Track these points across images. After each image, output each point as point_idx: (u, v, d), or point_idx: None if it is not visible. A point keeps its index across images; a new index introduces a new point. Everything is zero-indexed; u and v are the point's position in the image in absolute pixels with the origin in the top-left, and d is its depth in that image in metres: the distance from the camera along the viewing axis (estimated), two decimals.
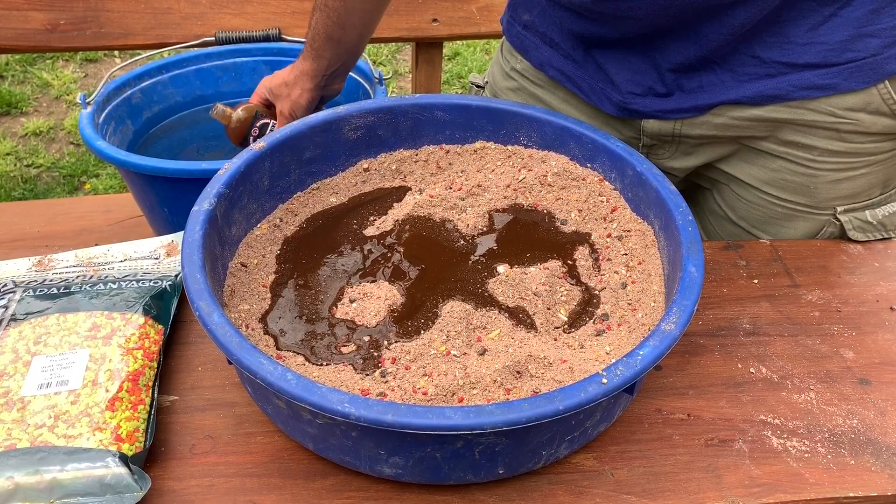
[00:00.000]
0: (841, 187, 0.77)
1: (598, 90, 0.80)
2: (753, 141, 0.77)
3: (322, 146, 0.70)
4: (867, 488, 0.54)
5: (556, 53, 0.83)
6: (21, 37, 1.18)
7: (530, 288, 0.61)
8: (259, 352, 0.48)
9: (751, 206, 0.82)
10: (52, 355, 0.57)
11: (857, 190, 0.77)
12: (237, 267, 0.62)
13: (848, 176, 0.76)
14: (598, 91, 0.80)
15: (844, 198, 0.78)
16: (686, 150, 0.81)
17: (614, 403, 0.53)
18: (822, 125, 0.73)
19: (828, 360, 0.64)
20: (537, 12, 0.83)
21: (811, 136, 0.74)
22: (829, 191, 0.77)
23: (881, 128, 0.73)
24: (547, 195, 0.71)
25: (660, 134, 0.80)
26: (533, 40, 0.85)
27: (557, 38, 0.81)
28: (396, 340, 0.57)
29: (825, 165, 0.76)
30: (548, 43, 0.83)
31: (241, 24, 1.23)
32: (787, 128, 0.75)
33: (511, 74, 0.91)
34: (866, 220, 0.79)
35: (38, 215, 1.09)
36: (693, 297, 0.52)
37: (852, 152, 0.75)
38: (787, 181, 0.78)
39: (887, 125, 0.73)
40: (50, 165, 2.17)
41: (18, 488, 0.49)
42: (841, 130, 0.73)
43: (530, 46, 0.86)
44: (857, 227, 0.79)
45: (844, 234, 0.79)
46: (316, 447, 0.53)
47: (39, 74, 2.50)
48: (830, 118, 0.72)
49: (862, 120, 0.72)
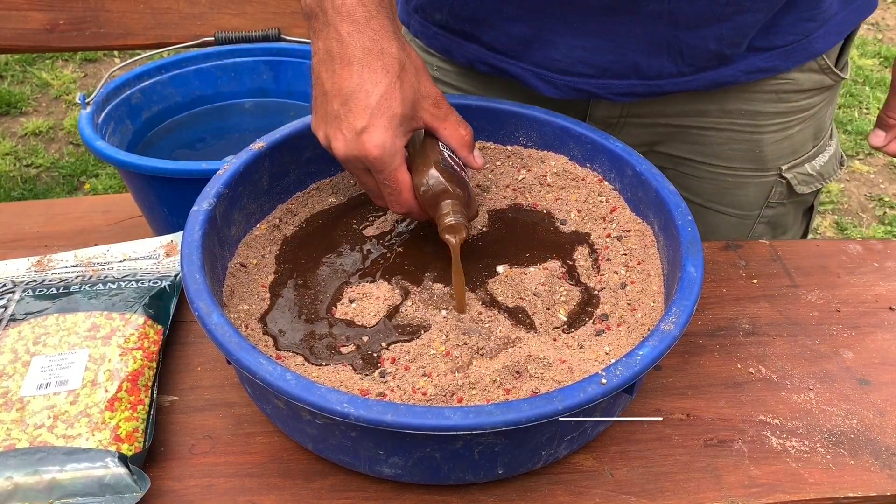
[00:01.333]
0: (783, 146, 0.80)
1: (538, 75, 0.76)
2: (696, 118, 0.79)
3: (321, 146, 0.70)
4: (866, 488, 0.54)
5: (482, 48, 0.78)
6: (20, 37, 1.18)
7: (529, 288, 0.61)
8: (258, 352, 0.48)
9: (702, 182, 0.84)
10: (51, 355, 0.57)
11: (795, 146, 0.81)
12: (236, 267, 0.62)
13: (787, 135, 0.80)
14: (539, 76, 0.76)
15: (786, 156, 0.81)
16: (629, 130, 0.82)
17: (614, 404, 0.53)
18: (763, 89, 0.76)
19: (827, 361, 0.64)
20: (447, 10, 0.77)
21: (754, 103, 0.77)
22: (774, 151, 0.80)
23: (812, 83, 0.77)
24: (546, 195, 0.71)
25: (608, 118, 0.80)
26: (454, 39, 0.79)
27: (479, 33, 0.76)
28: (396, 341, 0.57)
29: (768, 128, 0.78)
30: (470, 39, 0.78)
31: (241, 25, 1.23)
32: (731, 98, 0.77)
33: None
34: (807, 172, 0.83)
35: (38, 215, 1.08)
36: (692, 298, 0.52)
37: (790, 111, 0.78)
38: (734, 150, 0.80)
39: (817, 80, 0.77)
40: (49, 165, 2.17)
41: (18, 488, 0.49)
42: (780, 91, 0.76)
43: (453, 46, 0.80)
44: (802, 181, 0.83)
45: (792, 190, 0.83)
46: (315, 447, 0.53)
47: (39, 74, 2.50)
48: (772, 81, 0.75)
49: (796, 78, 0.76)
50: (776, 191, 0.83)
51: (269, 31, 1.15)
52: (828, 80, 0.78)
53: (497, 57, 0.78)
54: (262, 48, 1.18)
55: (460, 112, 0.72)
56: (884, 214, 2.16)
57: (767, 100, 0.77)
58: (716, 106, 0.77)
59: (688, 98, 0.77)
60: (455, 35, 0.79)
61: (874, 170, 2.33)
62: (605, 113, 0.80)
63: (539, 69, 0.76)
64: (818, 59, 0.75)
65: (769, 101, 0.77)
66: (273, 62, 1.19)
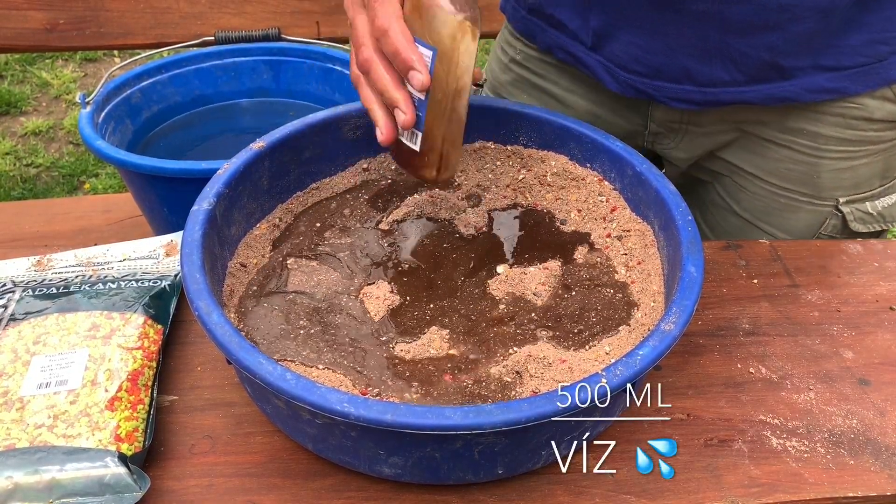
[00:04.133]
0: (843, 177, 0.77)
1: (606, 68, 0.78)
2: (758, 128, 0.77)
3: (321, 146, 0.70)
4: (866, 488, 0.54)
5: (563, 35, 0.81)
6: (20, 36, 1.18)
7: (529, 288, 0.61)
8: (258, 352, 0.48)
9: (753, 197, 0.82)
10: (51, 355, 0.57)
11: (858, 180, 0.78)
12: (237, 267, 0.62)
13: (850, 165, 0.77)
14: (607, 69, 0.78)
15: (846, 188, 0.78)
16: (692, 139, 0.81)
17: (614, 403, 0.52)
18: (830, 111, 0.73)
19: (827, 360, 0.64)
20: None
21: (817, 123, 0.74)
22: (832, 180, 0.77)
23: (885, 114, 0.74)
24: (546, 195, 0.71)
25: (668, 121, 0.80)
26: (539, 23, 0.83)
27: (565, 20, 0.79)
28: (396, 340, 0.57)
29: (829, 154, 0.76)
30: (554, 25, 0.81)
31: (241, 24, 1.23)
32: (794, 115, 0.75)
33: (511, 66, 0.90)
34: (867, 211, 0.79)
35: (38, 215, 1.09)
36: (693, 297, 0.52)
37: (856, 140, 0.75)
38: (791, 170, 0.78)
39: (890, 111, 0.74)
40: (49, 165, 2.17)
41: (17, 488, 0.49)
42: (847, 116, 0.73)
43: (536, 30, 0.84)
44: (859, 218, 0.79)
45: (846, 226, 0.79)
46: (315, 447, 0.53)
47: (39, 74, 2.50)
48: (840, 103, 0.73)
49: (867, 104, 0.73)
50: (830, 223, 0.80)
51: (269, 31, 1.15)
52: None
53: (575, 45, 0.80)
54: (263, 48, 1.18)
55: None
56: None
57: (833, 123, 0.74)
58: (777, 120, 0.76)
59: (749, 109, 0.75)
60: (542, 19, 0.82)
61: None
62: (666, 116, 0.79)
63: (607, 62, 0.77)
64: (893, 88, 0.72)
65: (834, 124, 0.74)
66: (273, 62, 1.19)
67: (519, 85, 0.90)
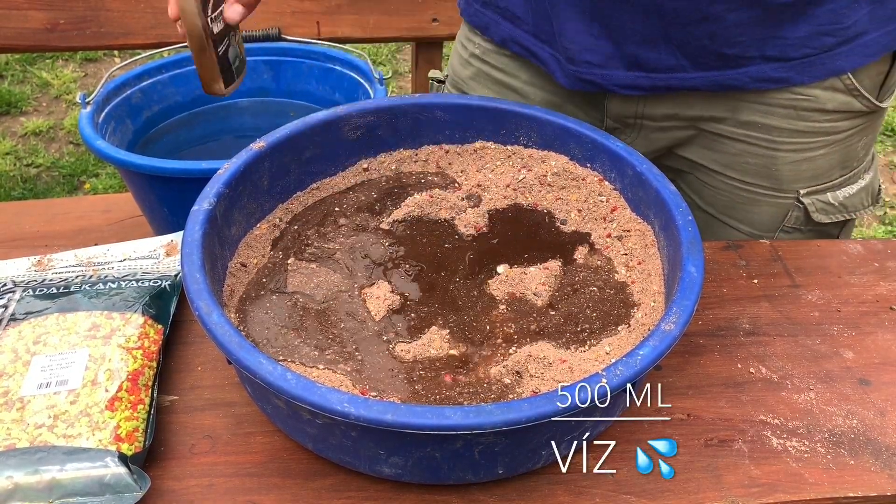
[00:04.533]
0: (802, 168, 0.78)
1: (556, 60, 0.78)
2: (712, 124, 0.77)
3: (322, 146, 0.70)
4: (867, 488, 0.54)
5: (517, 28, 0.80)
6: (21, 36, 1.18)
7: (530, 288, 0.61)
8: (258, 351, 0.48)
9: (716, 192, 0.82)
10: (51, 355, 0.57)
11: (817, 171, 0.78)
12: (237, 267, 0.62)
13: (807, 157, 0.77)
14: (556, 61, 0.78)
15: (806, 180, 0.79)
16: (647, 134, 0.81)
17: (614, 403, 0.52)
18: (780, 103, 0.74)
19: (827, 361, 0.64)
20: None
21: (770, 116, 0.75)
22: (791, 172, 0.78)
23: (837, 105, 0.74)
24: (547, 195, 0.71)
25: (623, 116, 0.80)
26: (493, 17, 0.83)
27: (518, 12, 0.79)
28: (397, 340, 0.57)
29: (785, 146, 0.76)
30: (508, 18, 0.81)
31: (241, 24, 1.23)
32: (745, 108, 0.75)
33: (471, 61, 0.89)
34: (828, 201, 0.80)
35: (38, 215, 1.09)
36: (693, 297, 0.52)
37: (810, 131, 0.75)
38: (749, 164, 0.79)
39: (843, 102, 0.74)
40: (49, 165, 2.17)
41: (18, 488, 0.49)
42: (798, 108, 0.74)
43: (490, 23, 0.83)
44: (821, 209, 0.80)
45: (809, 218, 0.80)
46: (315, 447, 0.53)
47: (39, 74, 2.50)
48: (788, 95, 0.73)
49: (818, 96, 0.73)
50: (792, 215, 0.80)
51: (269, 31, 1.15)
52: (857, 104, 0.74)
53: (528, 38, 0.79)
54: (263, 48, 1.18)
55: (460, 111, 0.73)
56: (884, 214, 2.16)
57: (784, 115, 0.74)
58: (729, 115, 0.76)
59: (699, 100, 0.76)
60: (495, 12, 0.82)
61: None
62: (620, 110, 0.79)
63: (557, 54, 0.77)
64: (843, 79, 0.72)
65: (786, 116, 0.74)
66: (273, 62, 1.19)
67: (479, 79, 0.89)
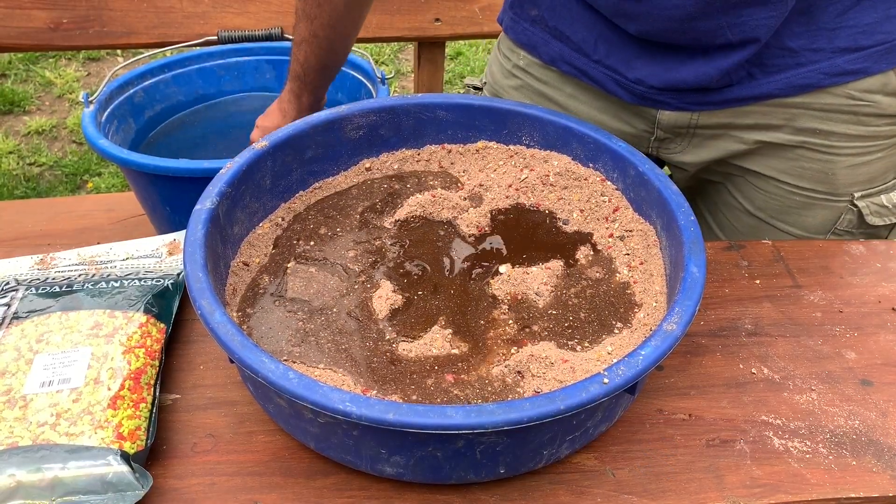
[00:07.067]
0: (858, 172, 0.77)
1: (616, 81, 0.78)
2: (770, 134, 0.77)
3: (324, 145, 0.70)
4: (869, 489, 0.54)
5: (567, 48, 0.81)
6: (24, 35, 1.18)
7: (532, 288, 0.61)
8: (261, 350, 0.48)
9: (769, 196, 0.82)
10: (54, 353, 0.57)
11: (873, 174, 0.78)
12: (239, 266, 0.62)
13: (865, 161, 0.77)
14: (617, 82, 0.78)
15: (862, 183, 0.78)
16: (699, 142, 0.81)
17: (616, 403, 0.53)
18: (840, 109, 0.73)
19: (829, 361, 0.64)
20: (546, 6, 0.81)
21: (829, 122, 0.74)
22: (847, 176, 0.78)
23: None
24: (549, 195, 0.71)
25: (675, 126, 0.80)
26: (542, 36, 0.83)
27: (569, 32, 0.80)
28: (398, 340, 0.57)
29: (843, 151, 0.76)
30: (558, 38, 0.81)
31: (244, 24, 1.23)
32: (804, 115, 0.75)
33: (514, 72, 0.90)
34: (882, 204, 0.80)
35: (41, 214, 1.09)
36: (695, 298, 0.52)
37: (869, 136, 0.75)
38: (805, 169, 0.78)
39: None
40: (52, 164, 2.17)
41: (20, 486, 0.49)
42: (859, 113, 0.73)
43: (539, 42, 0.84)
44: (875, 211, 0.80)
45: (863, 220, 0.80)
46: (317, 446, 0.53)
47: (42, 73, 2.50)
48: (849, 101, 0.73)
49: (879, 101, 0.73)
50: (845, 218, 0.80)
51: (271, 31, 1.15)
52: None
53: (580, 59, 0.80)
54: (265, 47, 1.18)
55: (463, 111, 0.73)
56: None
57: (844, 120, 0.74)
58: (786, 123, 0.75)
59: (755, 110, 0.75)
60: (545, 31, 0.83)
61: None
62: (674, 122, 0.79)
63: (616, 75, 0.78)
64: None
65: (846, 121, 0.74)
66: (276, 61, 1.19)
67: (522, 90, 0.90)
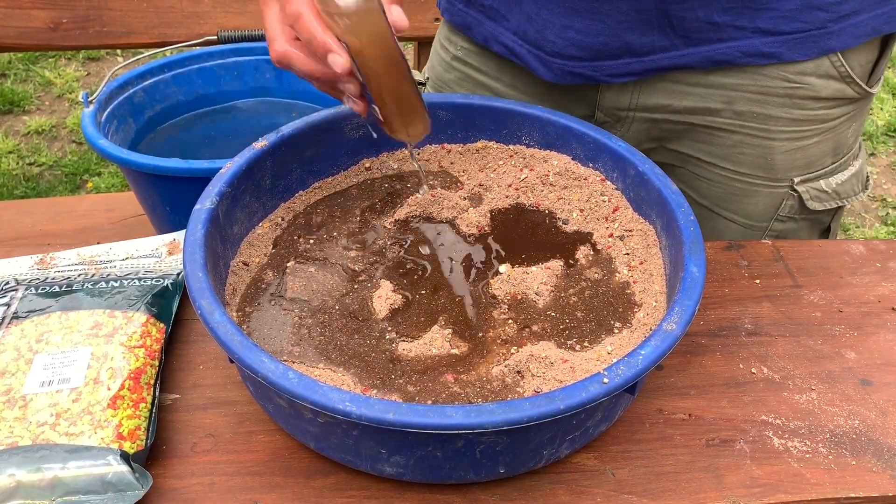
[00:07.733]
0: (796, 157, 0.78)
1: (538, 57, 0.77)
2: (706, 117, 0.77)
3: (323, 145, 0.70)
4: (868, 489, 0.54)
5: (500, 26, 0.79)
6: (24, 35, 1.18)
7: (532, 287, 0.61)
8: (261, 350, 0.48)
9: (711, 185, 0.82)
10: (53, 353, 0.57)
11: (811, 159, 0.79)
12: (239, 265, 0.62)
13: (802, 145, 0.78)
14: (538, 59, 0.77)
15: (800, 168, 0.79)
16: (638, 126, 0.81)
17: (616, 403, 0.53)
18: (776, 92, 0.74)
19: (829, 361, 0.64)
20: None
21: (766, 105, 0.75)
22: (785, 161, 0.78)
23: (831, 92, 0.74)
24: (549, 195, 0.71)
25: (616, 108, 0.79)
26: (476, 16, 0.81)
27: (502, 9, 0.78)
28: (398, 339, 0.57)
29: (781, 135, 0.77)
30: (491, 17, 0.80)
31: (244, 23, 1.23)
32: (741, 98, 0.75)
33: (453, 64, 0.88)
34: (822, 189, 0.81)
35: (40, 213, 1.09)
36: (695, 297, 0.52)
37: (805, 119, 0.76)
38: (744, 154, 0.79)
39: (837, 89, 0.74)
40: (52, 164, 2.17)
41: (20, 486, 0.49)
42: (794, 96, 0.74)
43: (473, 23, 0.82)
44: (815, 196, 0.80)
45: (804, 206, 0.81)
46: (317, 446, 0.53)
47: (42, 73, 2.50)
48: (784, 83, 0.73)
49: (813, 84, 0.73)
50: (787, 204, 0.81)
51: None
52: (850, 91, 0.75)
53: (509, 36, 0.79)
54: (265, 47, 1.17)
55: (463, 111, 0.73)
56: (886, 215, 2.16)
57: (780, 104, 0.75)
58: (725, 106, 0.76)
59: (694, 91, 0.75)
60: (479, 11, 0.81)
61: (877, 171, 2.32)
62: (613, 104, 0.79)
63: (538, 51, 0.77)
64: (838, 67, 0.72)
65: (782, 105, 0.75)
66: None
67: (462, 83, 0.88)
